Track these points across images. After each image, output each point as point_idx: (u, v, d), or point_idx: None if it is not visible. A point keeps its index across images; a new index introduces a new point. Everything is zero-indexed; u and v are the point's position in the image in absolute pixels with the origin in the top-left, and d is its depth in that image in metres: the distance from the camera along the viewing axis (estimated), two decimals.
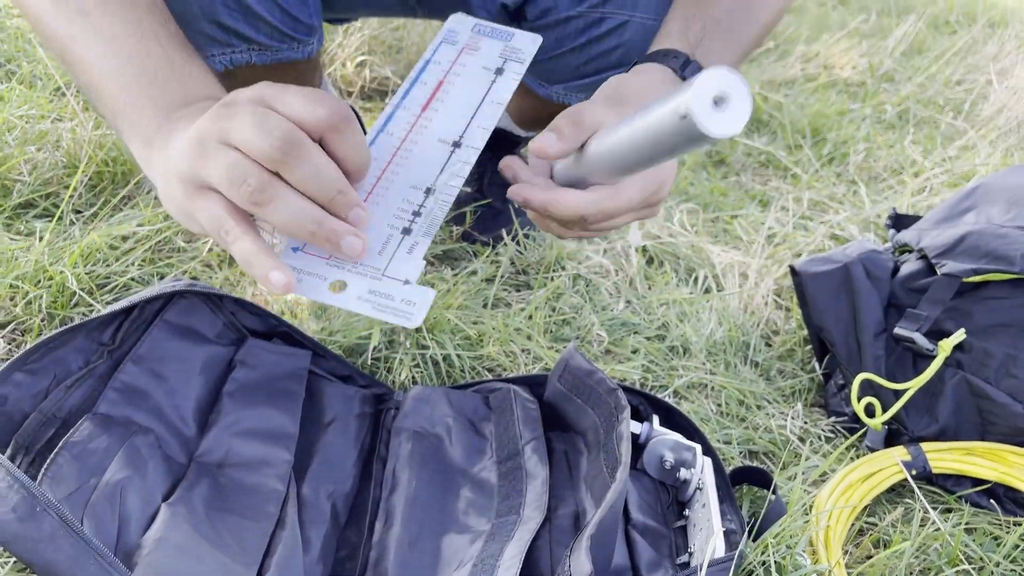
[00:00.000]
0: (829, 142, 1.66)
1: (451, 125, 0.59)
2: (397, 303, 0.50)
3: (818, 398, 1.05)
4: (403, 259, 0.53)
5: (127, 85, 0.56)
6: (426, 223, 0.54)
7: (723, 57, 0.70)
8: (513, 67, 0.64)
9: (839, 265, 1.04)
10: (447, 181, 0.57)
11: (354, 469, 0.75)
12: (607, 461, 0.72)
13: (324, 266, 0.51)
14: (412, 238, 0.53)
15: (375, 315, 0.49)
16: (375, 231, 0.53)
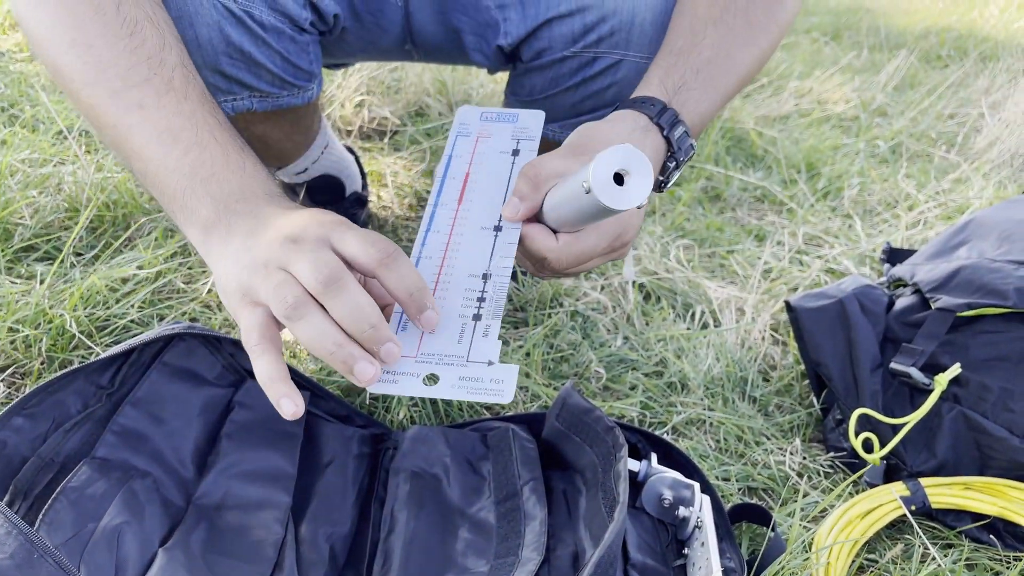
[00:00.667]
0: (824, 176, 1.67)
1: (488, 212, 0.64)
2: (487, 383, 0.55)
3: (816, 433, 1.05)
4: (481, 343, 0.57)
5: (185, 177, 0.60)
6: (492, 306, 0.59)
7: (700, 105, 0.72)
8: (526, 145, 0.70)
9: (834, 300, 1.05)
10: (499, 264, 0.61)
11: (352, 510, 0.75)
12: (605, 500, 0.71)
13: (414, 364, 0.56)
14: (484, 322, 0.58)
15: (470, 398, 0.54)
16: (449, 323, 0.58)
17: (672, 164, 0.71)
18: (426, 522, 0.73)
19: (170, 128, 0.60)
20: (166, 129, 0.60)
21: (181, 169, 0.60)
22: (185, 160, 0.60)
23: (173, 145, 0.60)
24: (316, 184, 1.16)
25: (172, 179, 0.60)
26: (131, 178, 1.17)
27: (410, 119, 1.59)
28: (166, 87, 0.61)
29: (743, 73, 0.77)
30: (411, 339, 0.57)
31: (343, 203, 1.22)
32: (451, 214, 0.65)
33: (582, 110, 0.93)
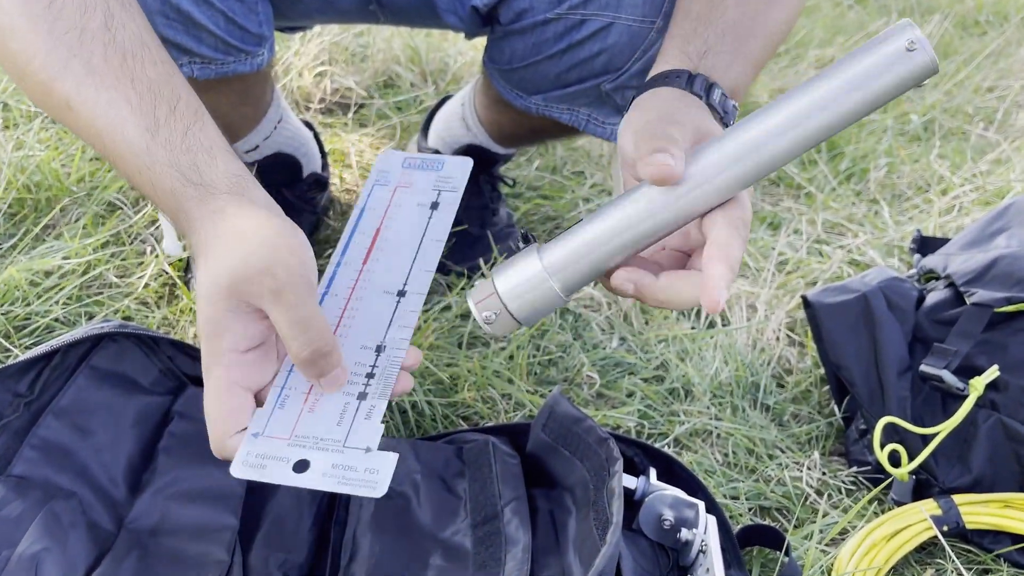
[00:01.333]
0: (847, 157, 1.68)
1: (394, 273, 0.65)
2: (361, 473, 0.56)
3: (837, 445, 1.05)
4: (362, 425, 0.58)
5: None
6: (380, 385, 0.60)
7: (732, 69, 0.71)
8: (447, 197, 0.71)
9: (858, 295, 1.05)
10: (396, 335, 0.63)
11: (309, 535, 0.74)
12: (597, 521, 0.71)
13: (286, 447, 0.57)
14: (368, 402, 0.60)
15: (340, 489, 0.55)
16: (331, 401, 0.59)
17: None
18: (392, 548, 0.72)
19: (101, 121, 0.62)
20: (105, 123, 0.62)
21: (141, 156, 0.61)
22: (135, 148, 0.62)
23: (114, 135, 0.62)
24: (269, 164, 1.15)
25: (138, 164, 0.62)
26: (55, 157, 1.16)
27: (378, 91, 1.59)
28: (86, 71, 0.61)
29: (774, 33, 0.76)
30: (287, 419, 0.58)
31: (300, 185, 1.21)
32: (354, 275, 0.66)
33: (568, 80, 0.93)
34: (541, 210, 1.39)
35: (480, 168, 1.25)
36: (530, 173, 1.46)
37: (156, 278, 1.07)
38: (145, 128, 0.62)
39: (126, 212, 1.14)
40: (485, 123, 1.18)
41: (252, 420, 0.57)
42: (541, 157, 1.51)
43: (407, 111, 1.53)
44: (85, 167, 1.16)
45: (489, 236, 1.20)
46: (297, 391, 0.59)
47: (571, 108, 0.97)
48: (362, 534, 0.74)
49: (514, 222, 1.30)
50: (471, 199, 1.24)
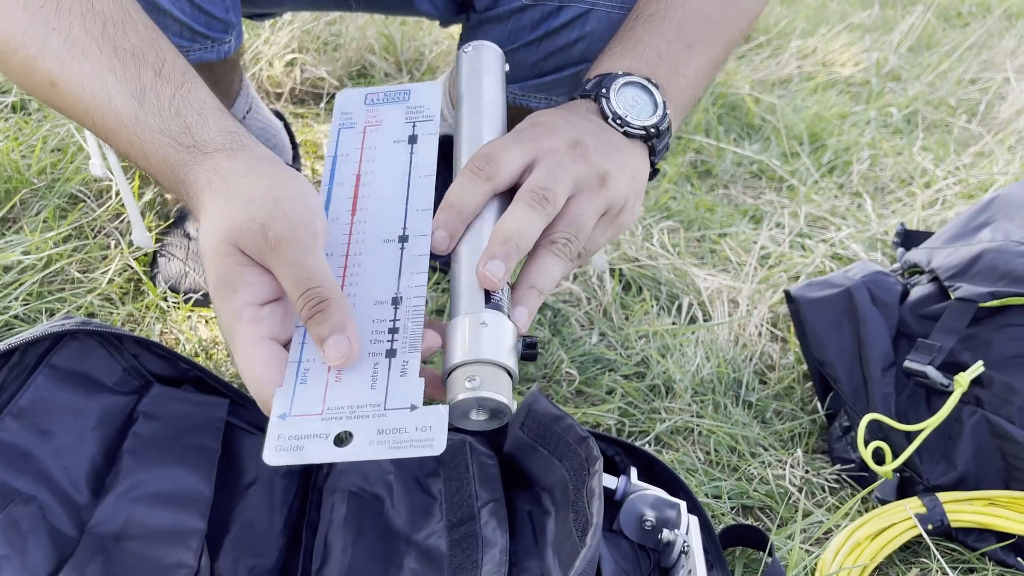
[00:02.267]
0: (829, 149, 1.68)
1: (389, 220, 0.61)
2: (413, 433, 0.52)
3: (821, 443, 1.05)
4: (399, 384, 0.54)
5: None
6: (408, 337, 0.56)
7: (679, 78, 0.71)
8: (425, 127, 0.67)
9: (841, 289, 1.05)
10: (410, 283, 0.58)
11: (280, 538, 0.74)
12: (577, 522, 0.71)
13: (320, 423, 0.53)
14: (400, 358, 0.55)
15: (394, 455, 0.52)
16: (359, 365, 0.55)
17: (661, 146, 0.69)
18: (366, 550, 0.72)
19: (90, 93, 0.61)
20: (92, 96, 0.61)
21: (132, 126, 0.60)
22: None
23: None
24: None
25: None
26: (15, 148, 1.14)
27: (350, 80, 1.57)
28: (66, 44, 0.60)
29: (731, 31, 0.76)
30: (314, 393, 0.54)
31: None
32: (345, 229, 0.62)
33: (545, 69, 0.92)
34: None
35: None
36: None
37: (121, 273, 1.05)
38: (131, 96, 0.60)
39: (89, 205, 1.12)
40: None
41: (274, 402, 0.53)
42: None
43: None
44: (46, 158, 1.14)
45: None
46: (317, 362, 0.55)
47: (548, 97, 0.96)
48: (334, 536, 0.73)
49: None
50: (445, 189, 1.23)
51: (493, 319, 0.57)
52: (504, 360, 0.56)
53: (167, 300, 1.04)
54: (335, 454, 0.52)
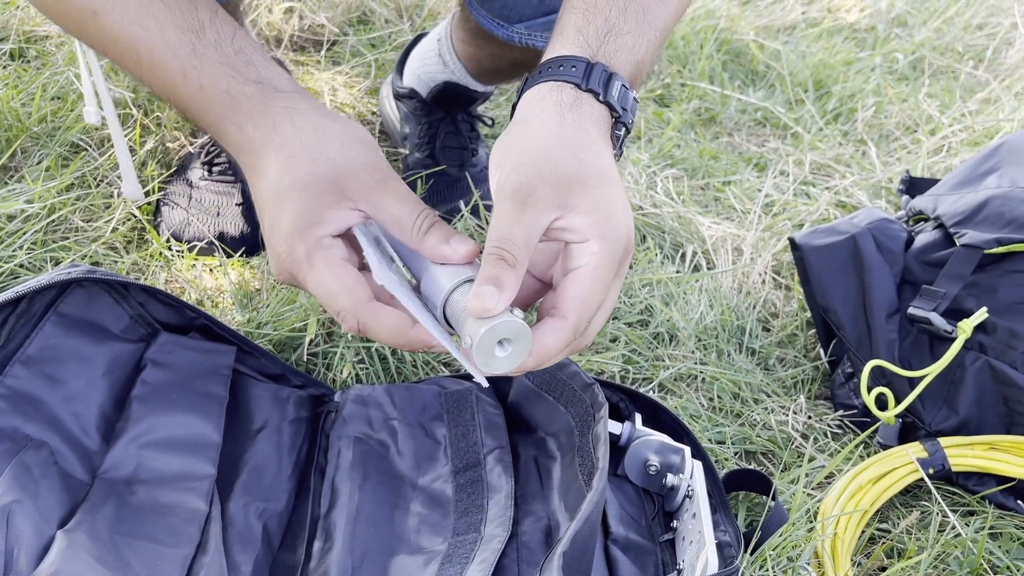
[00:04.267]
0: (834, 96, 1.67)
1: None
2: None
3: (823, 389, 1.06)
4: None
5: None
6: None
7: (636, 51, 0.67)
8: None
9: (846, 236, 1.05)
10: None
11: (288, 483, 0.75)
12: (583, 467, 0.72)
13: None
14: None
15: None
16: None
17: (621, 131, 0.66)
18: (372, 495, 0.73)
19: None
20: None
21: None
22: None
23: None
24: None
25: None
26: (14, 96, 1.13)
27: (351, 27, 1.55)
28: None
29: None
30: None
31: None
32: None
33: (553, 6, 0.91)
34: None
35: (458, 107, 1.23)
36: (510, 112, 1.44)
37: (124, 222, 1.05)
38: (189, 29, 0.61)
39: (91, 154, 1.12)
40: (463, 59, 1.16)
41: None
42: None
43: (381, 48, 1.50)
44: (46, 106, 1.14)
45: (468, 178, 1.19)
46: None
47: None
48: (341, 481, 0.74)
49: None
50: (449, 139, 1.23)
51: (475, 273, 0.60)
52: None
53: (171, 249, 1.04)
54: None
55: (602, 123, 0.64)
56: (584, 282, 0.58)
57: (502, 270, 0.57)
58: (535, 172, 0.59)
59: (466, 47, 1.14)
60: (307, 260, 0.59)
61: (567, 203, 0.59)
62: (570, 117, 0.63)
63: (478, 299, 0.56)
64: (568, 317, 0.58)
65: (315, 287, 0.59)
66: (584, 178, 0.59)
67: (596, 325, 0.60)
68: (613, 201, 0.60)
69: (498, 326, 0.56)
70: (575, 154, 0.61)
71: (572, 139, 0.62)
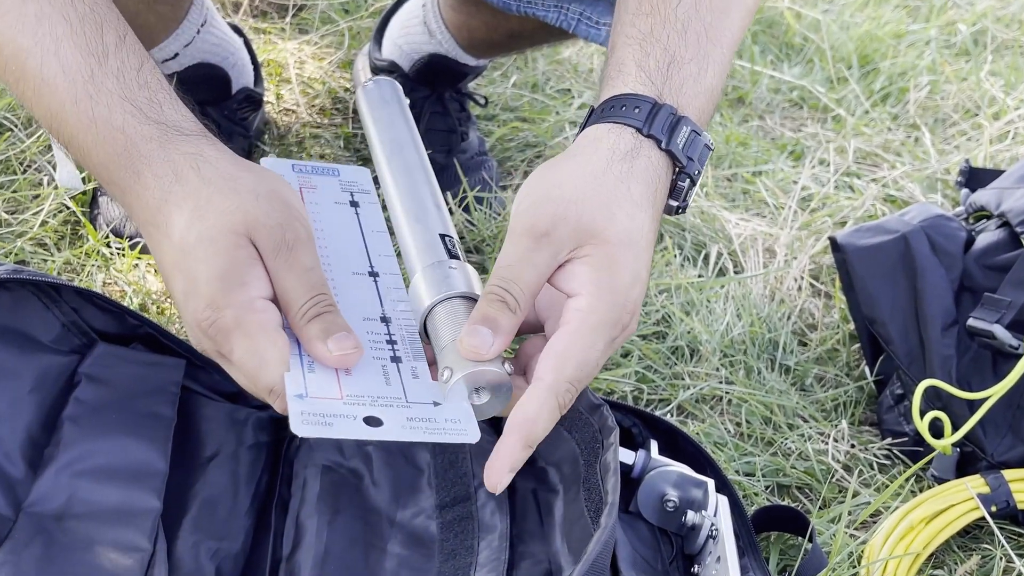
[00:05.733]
0: (882, 74, 1.68)
1: (354, 257, 0.68)
2: (443, 424, 0.59)
3: (869, 413, 1.06)
4: (414, 384, 0.61)
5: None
6: (409, 347, 0.64)
7: (703, 80, 0.68)
8: (365, 198, 0.76)
9: (896, 236, 1.05)
10: (395, 307, 0.67)
11: (246, 519, 0.74)
12: (589, 502, 0.72)
13: (343, 406, 0.58)
14: (407, 364, 0.63)
15: (431, 439, 0.58)
16: (366, 366, 0.62)
17: (685, 182, 0.68)
18: (343, 533, 0.73)
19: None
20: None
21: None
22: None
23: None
24: (191, 77, 1.13)
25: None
26: None
27: None
28: None
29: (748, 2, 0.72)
30: (326, 381, 0.59)
31: (228, 103, 1.19)
32: None
33: None
34: (519, 135, 1.38)
35: (446, 83, 1.24)
36: (506, 91, 1.45)
37: (55, 214, 1.05)
38: (89, 52, 0.61)
39: (16, 135, 1.12)
40: (452, 28, 1.16)
41: (287, 383, 0.58)
42: (519, 71, 1.49)
43: (356, 14, 1.50)
44: None
45: (457, 165, 1.19)
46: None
47: (559, 4, 0.95)
48: (307, 517, 0.74)
49: (486, 149, 1.29)
50: (435, 121, 1.23)
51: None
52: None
53: (110, 245, 1.04)
54: (368, 433, 0.57)
55: (655, 179, 0.66)
56: (564, 342, 0.60)
57: (501, 313, 0.59)
58: (558, 211, 0.62)
59: (456, 14, 1.14)
60: (237, 326, 0.59)
61: (579, 251, 0.61)
62: (617, 168, 0.65)
63: (471, 338, 0.59)
64: (545, 378, 0.60)
65: (242, 356, 0.59)
66: (607, 232, 0.62)
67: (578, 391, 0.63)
68: (625, 266, 0.62)
69: (485, 373, 0.59)
70: (607, 205, 0.63)
71: (610, 191, 0.64)
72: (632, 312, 0.62)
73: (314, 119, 1.34)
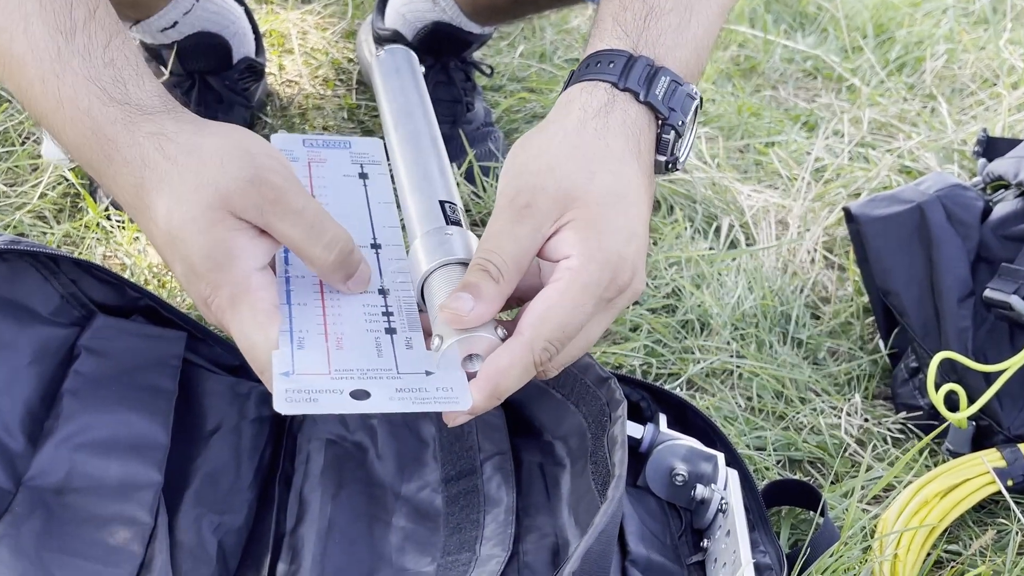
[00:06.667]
0: (898, 43, 1.67)
1: (354, 231, 0.67)
2: (434, 392, 0.59)
3: (883, 387, 1.06)
4: (407, 355, 0.62)
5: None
6: (405, 318, 0.64)
7: (685, 31, 0.68)
8: (375, 169, 0.77)
9: (911, 206, 1.05)
10: (394, 280, 0.67)
11: (248, 493, 0.75)
12: (596, 475, 0.72)
13: (330, 380, 0.59)
14: (401, 335, 0.63)
15: (420, 409, 0.58)
16: (358, 339, 0.62)
17: (670, 134, 0.67)
18: (348, 507, 0.73)
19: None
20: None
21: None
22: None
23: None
24: (191, 46, 1.13)
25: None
26: None
27: None
28: None
29: None
30: (315, 357, 0.60)
31: (230, 73, 1.19)
32: None
33: None
34: (526, 106, 1.38)
35: (451, 52, 1.23)
36: (513, 60, 1.44)
37: (54, 186, 1.05)
38: (57, 29, 0.61)
39: (15, 106, 1.12)
40: None
41: (273, 361, 0.58)
42: (527, 41, 1.49)
43: None
44: None
45: (462, 136, 1.19)
46: (312, 332, 0.61)
47: None
48: (310, 491, 0.74)
49: (493, 120, 1.29)
50: (439, 91, 1.23)
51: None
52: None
53: (110, 218, 1.04)
54: (353, 406, 0.57)
55: (636, 132, 0.65)
56: (549, 299, 0.60)
57: (483, 280, 0.59)
58: (536, 181, 0.62)
59: None
60: (231, 305, 0.60)
61: (563, 218, 0.61)
62: (592, 125, 0.64)
63: (452, 302, 0.59)
64: (523, 332, 0.59)
65: (238, 337, 0.60)
66: (588, 194, 0.61)
67: (563, 358, 0.61)
68: (613, 223, 0.61)
69: (478, 339, 0.59)
70: (586, 166, 0.62)
71: (588, 150, 0.63)
72: (631, 271, 0.61)
73: (317, 90, 1.33)
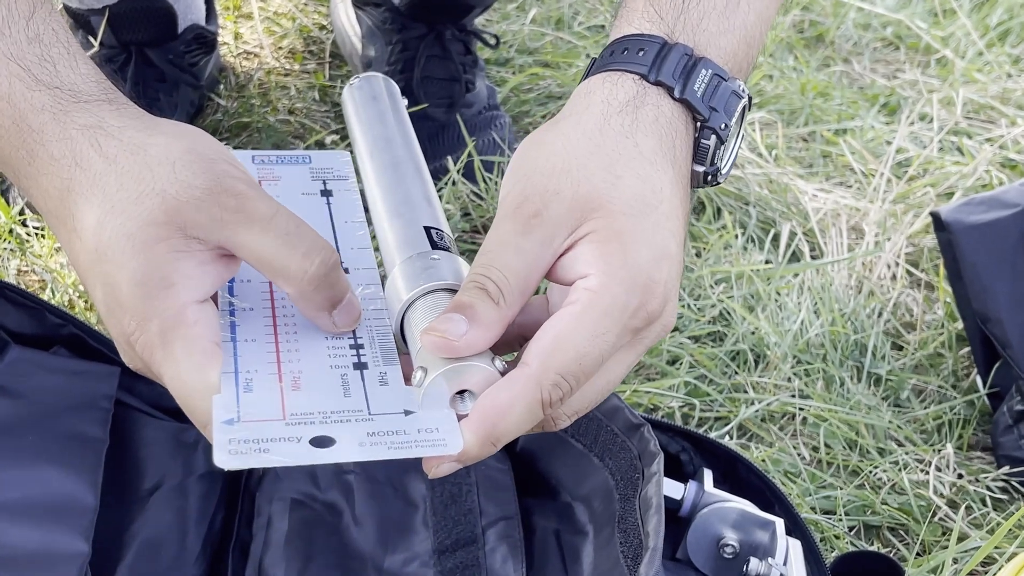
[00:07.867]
0: (1000, 5, 1.67)
1: None
2: (415, 435, 0.58)
3: (981, 435, 1.06)
4: (381, 392, 0.61)
5: None
6: (379, 351, 0.65)
7: (731, 16, 0.69)
8: (340, 185, 0.78)
9: (1016, 211, 1.05)
10: (366, 307, 0.67)
11: (196, 567, 0.75)
12: (626, 546, 0.72)
13: (285, 427, 0.58)
14: (373, 371, 0.63)
15: (398, 454, 0.58)
16: (319, 381, 0.62)
17: (710, 140, 0.67)
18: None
19: None
20: None
21: None
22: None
23: None
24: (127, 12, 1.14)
25: None
26: None
27: None
28: None
29: None
30: (266, 401, 0.59)
31: (174, 45, 1.20)
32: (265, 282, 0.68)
33: None
34: (540, 84, 1.38)
35: (447, 19, 1.24)
36: (523, 28, 1.45)
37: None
38: None
39: None
40: None
41: (214, 407, 0.58)
42: (540, 4, 1.49)
43: None
44: None
45: (460, 123, 1.19)
46: (262, 372, 0.61)
47: None
48: (272, 564, 0.74)
49: (498, 102, 1.29)
50: (433, 67, 1.23)
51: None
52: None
53: (26, 224, 1.04)
54: (314, 456, 0.57)
55: (671, 132, 0.66)
56: (563, 324, 0.59)
57: (480, 300, 0.59)
58: (548, 184, 0.62)
59: None
60: (161, 343, 0.59)
61: (581, 229, 0.61)
62: (618, 121, 0.65)
63: (440, 324, 0.58)
64: (529, 363, 0.58)
65: (170, 382, 0.59)
66: (612, 201, 0.61)
67: (577, 402, 0.61)
68: (640, 236, 0.61)
69: (469, 369, 0.58)
70: (609, 168, 0.62)
71: (612, 149, 0.63)
72: (662, 297, 0.61)
73: (282, 64, 1.34)
